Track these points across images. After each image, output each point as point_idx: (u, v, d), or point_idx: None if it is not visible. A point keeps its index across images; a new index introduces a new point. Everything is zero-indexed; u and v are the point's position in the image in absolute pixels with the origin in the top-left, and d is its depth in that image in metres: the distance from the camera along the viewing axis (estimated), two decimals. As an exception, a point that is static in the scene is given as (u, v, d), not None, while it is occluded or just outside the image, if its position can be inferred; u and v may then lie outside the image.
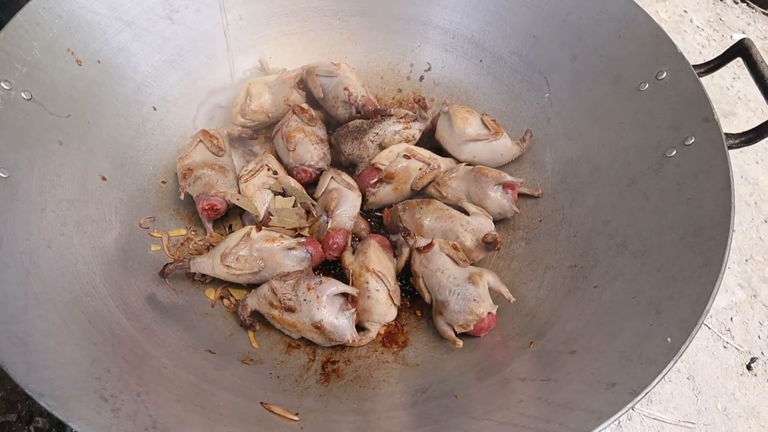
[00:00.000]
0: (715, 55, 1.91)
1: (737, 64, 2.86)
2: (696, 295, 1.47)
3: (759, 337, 2.64)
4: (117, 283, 1.78)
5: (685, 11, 3.87)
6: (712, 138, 1.70)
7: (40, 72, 1.81)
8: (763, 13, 3.84)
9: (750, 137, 1.71)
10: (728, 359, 2.58)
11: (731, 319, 2.69)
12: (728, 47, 1.88)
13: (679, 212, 1.69)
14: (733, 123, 3.25)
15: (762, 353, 2.60)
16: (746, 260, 2.86)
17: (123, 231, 1.94)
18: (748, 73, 1.83)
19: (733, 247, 2.85)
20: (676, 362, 1.36)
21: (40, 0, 1.84)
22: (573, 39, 2.15)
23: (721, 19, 3.81)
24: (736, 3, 3.93)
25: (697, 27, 3.75)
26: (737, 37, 3.65)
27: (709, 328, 2.64)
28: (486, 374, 1.69)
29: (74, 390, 1.33)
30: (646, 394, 1.34)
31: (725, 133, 1.69)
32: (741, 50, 1.82)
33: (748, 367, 2.55)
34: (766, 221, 3.00)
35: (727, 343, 2.61)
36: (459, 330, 1.80)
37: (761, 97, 1.77)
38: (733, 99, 3.35)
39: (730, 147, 1.69)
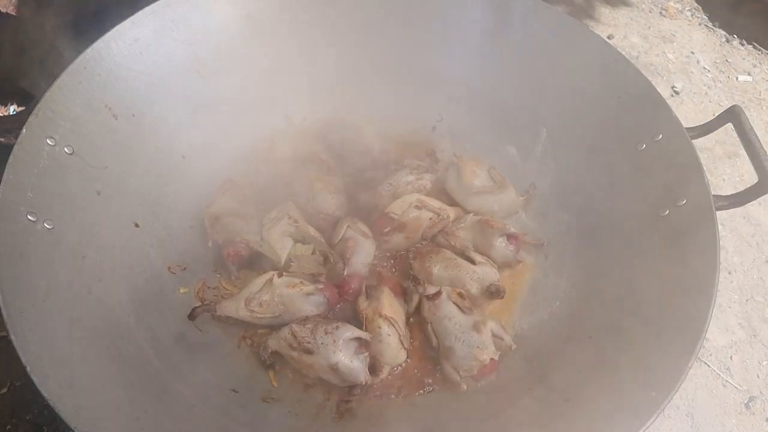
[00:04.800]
0: (721, 96, 1.96)
1: (742, 102, 2.94)
2: (680, 351, 1.54)
3: (758, 376, 2.70)
4: (149, 325, 1.86)
5: (692, 52, 3.93)
6: (701, 201, 1.77)
7: (80, 127, 1.89)
8: (769, 55, 3.92)
9: (738, 200, 1.79)
10: (727, 397, 2.63)
11: (731, 357, 2.75)
12: (719, 114, 1.95)
13: (670, 271, 1.76)
14: (737, 164, 3.31)
15: (761, 392, 2.64)
16: (747, 300, 2.92)
17: (154, 274, 2.02)
18: (752, 116, 1.87)
19: (734, 287, 2.95)
20: (658, 416, 1.44)
21: (82, 60, 1.93)
22: (577, 98, 2.21)
23: (727, 61, 3.87)
24: (743, 45, 3.99)
25: (704, 68, 3.81)
26: (743, 78, 3.71)
27: (709, 366, 2.71)
28: (487, 418, 1.77)
29: (117, 430, 1.44)
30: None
31: (714, 195, 1.77)
32: (732, 116, 1.90)
33: (747, 406, 2.61)
34: (767, 262, 3.06)
35: (726, 381, 2.67)
36: (463, 374, 1.87)
37: (765, 140, 1.81)
38: (738, 141, 3.43)
39: (719, 208, 1.76)
